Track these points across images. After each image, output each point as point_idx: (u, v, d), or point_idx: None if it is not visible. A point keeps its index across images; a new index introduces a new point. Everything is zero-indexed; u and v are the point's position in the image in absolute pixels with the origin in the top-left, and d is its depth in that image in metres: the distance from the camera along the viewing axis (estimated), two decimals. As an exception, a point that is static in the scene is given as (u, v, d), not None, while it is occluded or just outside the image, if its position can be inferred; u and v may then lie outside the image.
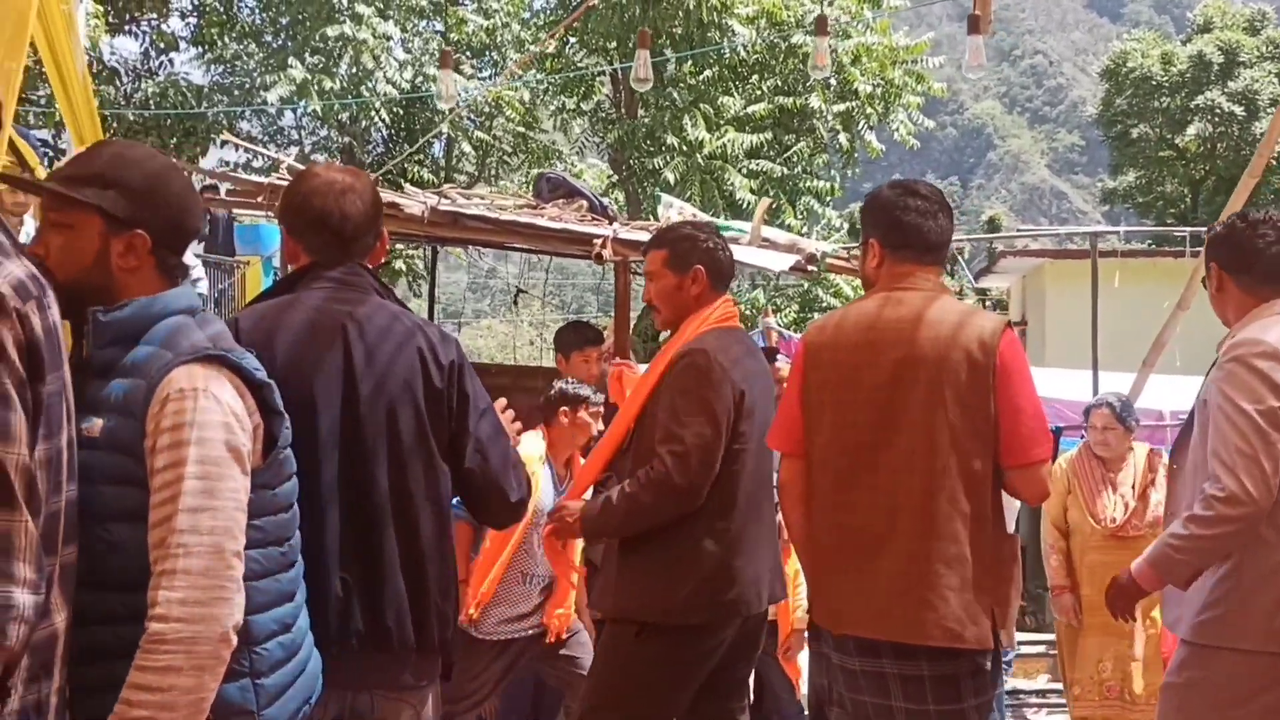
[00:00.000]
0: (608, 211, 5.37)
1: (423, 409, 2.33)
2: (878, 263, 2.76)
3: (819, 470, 2.73)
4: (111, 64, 17.12)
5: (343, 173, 2.50)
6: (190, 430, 1.78)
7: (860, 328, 2.69)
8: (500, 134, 18.40)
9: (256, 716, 1.91)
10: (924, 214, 2.75)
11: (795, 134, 16.36)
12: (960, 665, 2.55)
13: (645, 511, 3.06)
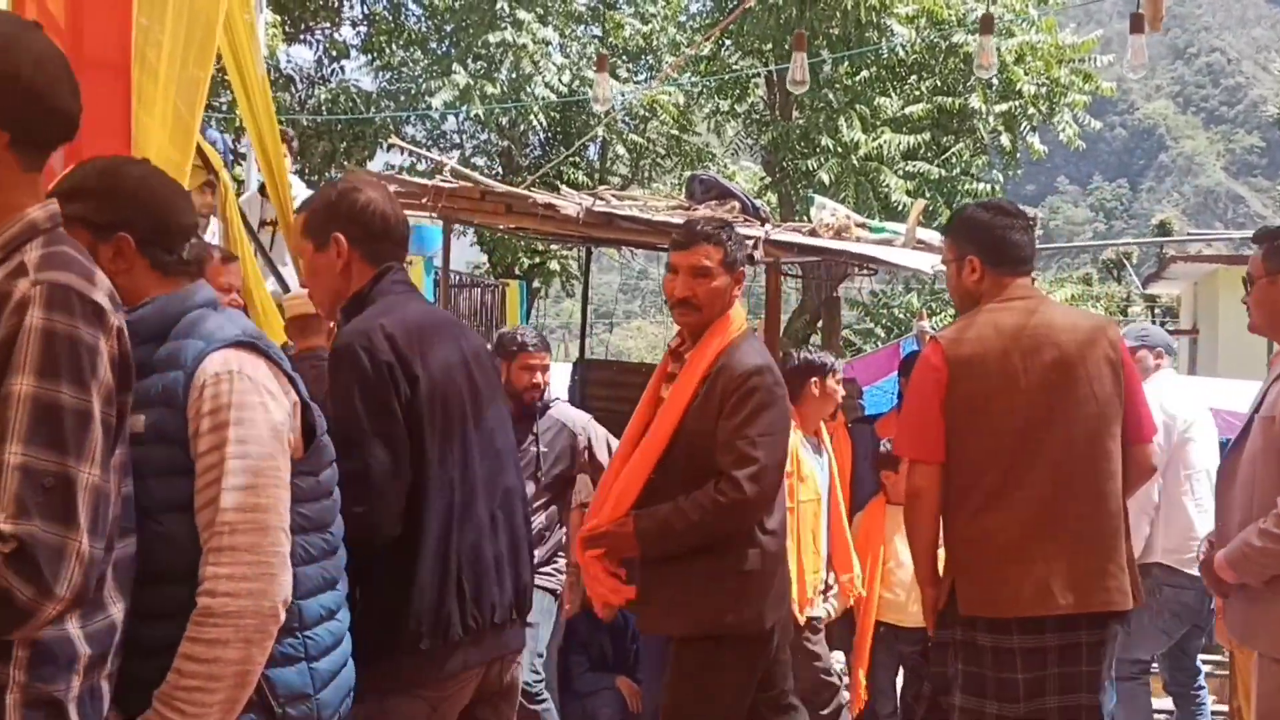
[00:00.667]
0: (760, 213, 5.38)
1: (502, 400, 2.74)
2: (979, 277, 3.08)
3: (972, 473, 2.97)
4: (287, 71, 17.93)
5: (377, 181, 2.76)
6: (229, 411, 1.83)
7: (1006, 337, 2.99)
8: (654, 136, 18.56)
9: (313, 699, 1.99)
10: (1020, 230, 3.13)
11: (954, 135, 16.02)
12: (1112, 629, 2.99)
13: (713, 532, 3.08)
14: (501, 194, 5.11)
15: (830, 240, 5.03)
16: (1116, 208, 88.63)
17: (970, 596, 2.98)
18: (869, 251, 4.92)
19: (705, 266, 3.16)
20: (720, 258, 3.17)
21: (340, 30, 18.61)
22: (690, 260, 3.17)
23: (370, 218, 2.60)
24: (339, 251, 2.56)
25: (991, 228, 3.10)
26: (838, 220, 5.15)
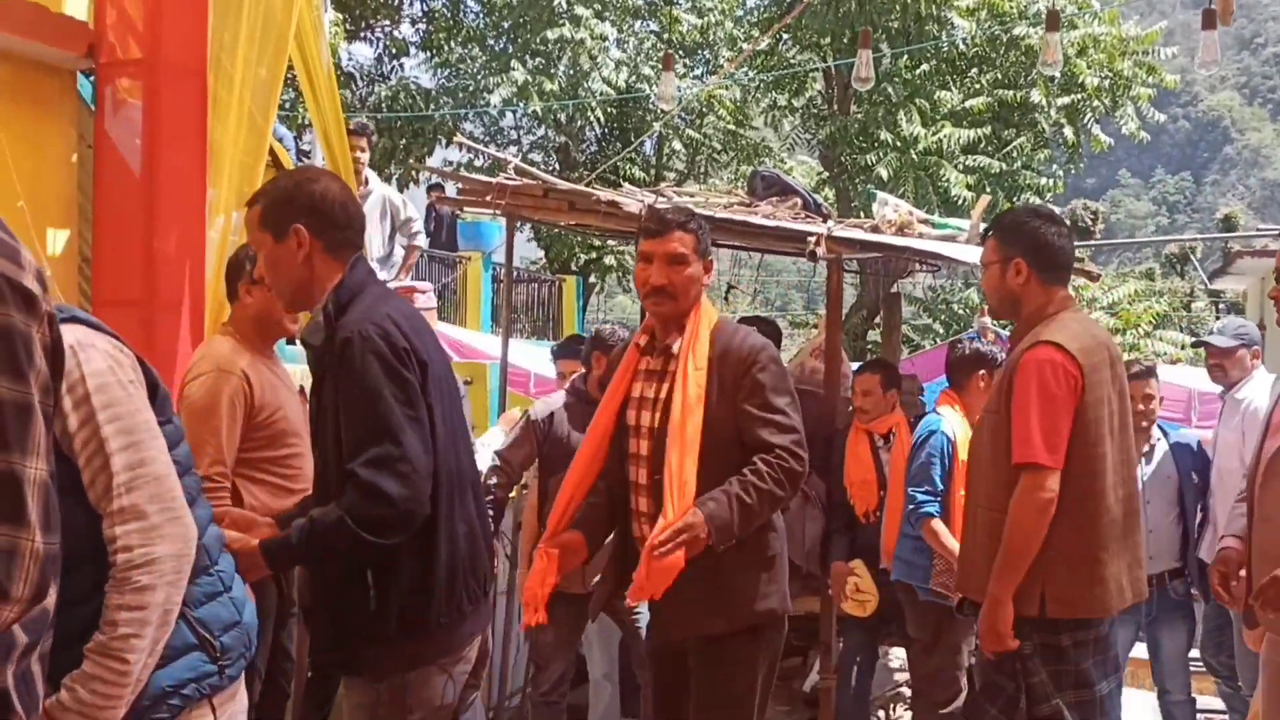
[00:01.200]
0: (822, 209, 5.37)
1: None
2: (1024, 280, 3.18)
3: (1098, 479, 3.10)
4: (348, 69, 18.15)
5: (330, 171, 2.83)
6: (85, 383, 1.86)
7: (1103, 346, 3.18)
8: (710, 132, 18.54)
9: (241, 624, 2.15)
10: (1066, 238, 3.23)
11: (1015, 128, 15.85)
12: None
13: (775, 508, 3.09)
14: (564, 191, 5.14)
15: (893, 237, 5.01)
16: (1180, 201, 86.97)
17: (1067, 599, 3.09)
18: (933, 248, 4.90)
19: (681, 253, 3.08)
20: (694, 245, 3.11)
21: (400, 28, 18.82)
22: (665, 248, 3.09)
23: (330, 208, 2.65)
24: (300, 242, 2.60)
25: (1042, 233, 3.19)
26: (900, 216, 5.13)
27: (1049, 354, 3.09)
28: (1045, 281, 3.18)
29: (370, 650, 2.57)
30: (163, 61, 4.02)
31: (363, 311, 2.57)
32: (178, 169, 3.99)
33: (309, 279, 2.64)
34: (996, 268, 3.24)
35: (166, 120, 4.03)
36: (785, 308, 31.54)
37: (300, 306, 2.77)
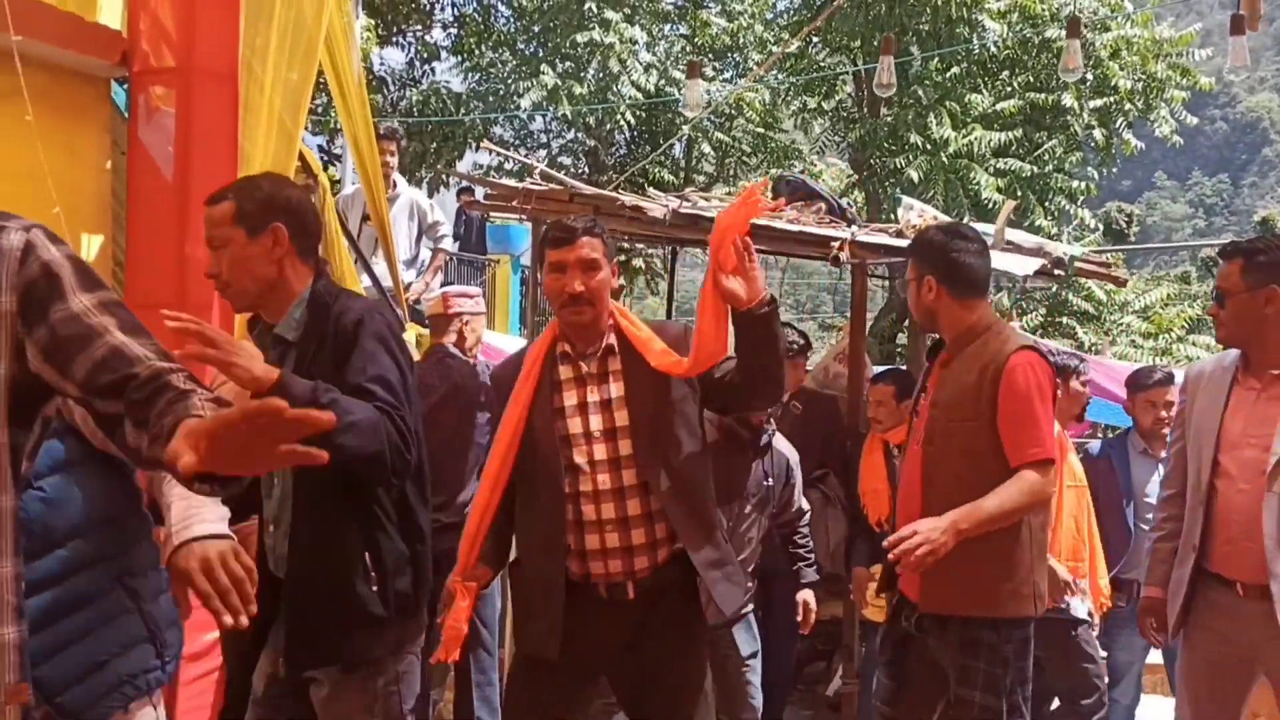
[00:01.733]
0: (846, 214, 5.39)
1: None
2: (935, 297, 3.32)
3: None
4: (380, 74, 18.28)
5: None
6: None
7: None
8: (740, 134, 18.54)
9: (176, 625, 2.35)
10: (975, 254, 3.36)
11: (1047, 131, 15.74)
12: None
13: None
14: (589, 196, 5.19)
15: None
16: (1217, 204, 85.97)
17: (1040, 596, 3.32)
18: (956, 253, 4.90)
19: (593, 259, 3.00)
20: (603, 250, 3.04)
21: (431, 33, 18.93)
22: (577, 254, 2.99)
23: (305, 215, 2.76)
24: (277, 241, 2.68)
25: (952, 251, 3.32)
26: (925, 221, 5.13)
27: (1037, 358, 3.24)
28: (957, 297, 3.31)
29: (364, 635, 2.66)
30: (195, 69, 4.09)
31: (364, 303, 2.73)
32: (209, 174, 4.05)
33: (278, 279, 2.71)
34: (913, 284, 3.38)
35: (198, 127, 4.10)
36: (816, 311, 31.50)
37: (257, 306, 2.79)
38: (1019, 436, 3.16)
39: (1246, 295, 3.21)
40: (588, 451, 3.00)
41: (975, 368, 3.25)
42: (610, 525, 2.98)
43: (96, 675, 2.09)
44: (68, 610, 2.03)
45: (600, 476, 2.99)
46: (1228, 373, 3.35)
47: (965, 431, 3.23)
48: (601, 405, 3.03)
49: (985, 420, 3.19)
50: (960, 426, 3.24)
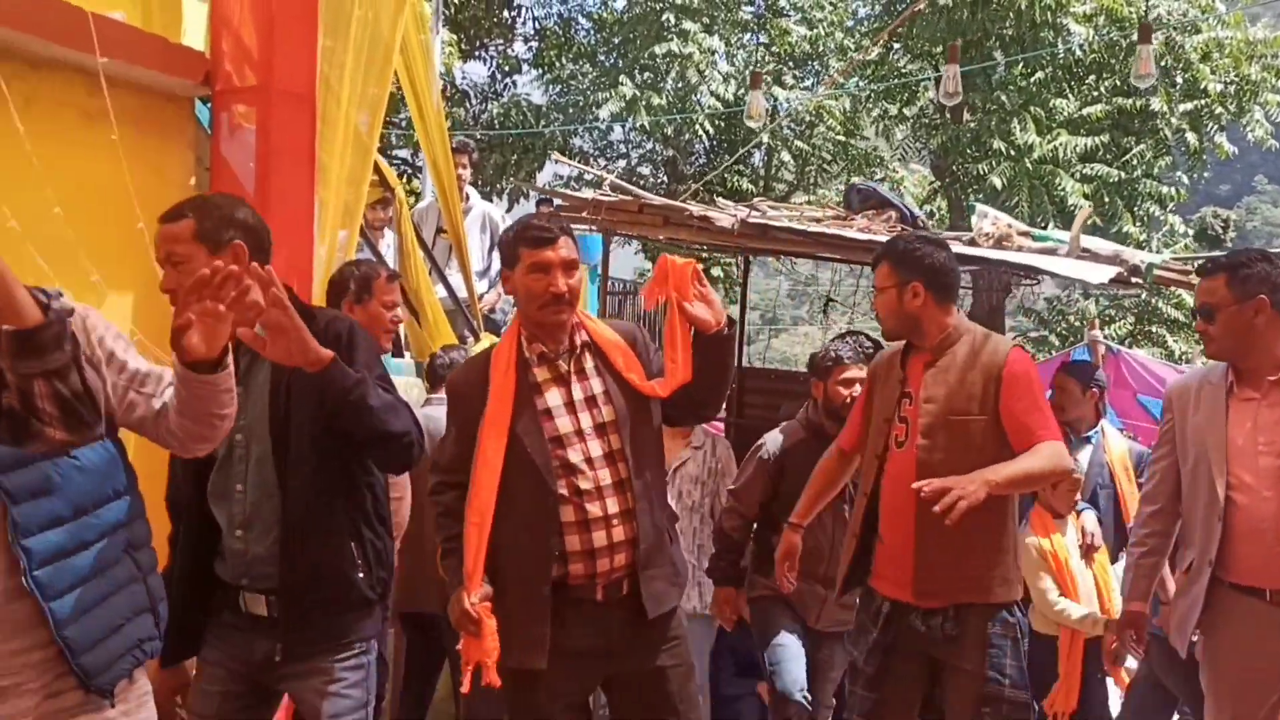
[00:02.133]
0: (917, 222, 5.35)
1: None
2: (922, 303, 3.38)
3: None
4: (463, 87, 18.57)
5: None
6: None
7: None
8: (820, 142, 18.45)
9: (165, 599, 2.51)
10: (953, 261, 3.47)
11: (1135, 136, 15.42)
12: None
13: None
14: (658, 206, 5.23)
15: (989, 250, 4.97)
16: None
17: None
18: (1029, 261, 4.84)
19: (574, 259, 3.03)
20: (577, 250, 3.07)
21: (513, 46, 19.17)
22: (560, 254, 2.99)
23: (262, 232, 2.83)
24: (238, 258, 2.64)
25: (936, 257, 3.41)
26: (998, 229, 5.08)
27: (1028, 355, 3.48)
28: (940, 302, 3.41)
29: (357, 617, 2.85)
30: (274, 87, 4.21)
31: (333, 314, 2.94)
32: (288, 189, 4.17)
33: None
34: (893, 292, 3.41)
35: (277, 143, 4.21)
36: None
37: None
38: (1029, 422, 3.29)
39: (1235, 308, 3.29)
40: (583, 449, 2.98)
41: (971, 367, 3.37)
42: (615, 520, 2.97)
43: (114, 639, 2.25)
44: (93, 574, 2.21)
45: (600, 472, 2.98)
46: (1219, 387, 3.39)
47: (966, 428, 3.33)
48: (588, 402, 3.02)
49: (989, 417, 3.32)
50: (960, 423, 3.34)
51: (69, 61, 3.75)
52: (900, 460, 3.44)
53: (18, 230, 3.35)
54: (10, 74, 3.48)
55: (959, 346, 3.41)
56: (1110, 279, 4.69)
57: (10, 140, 3.42)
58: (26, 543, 2.11)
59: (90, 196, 3.81)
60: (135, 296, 4.06)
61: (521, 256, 3.02)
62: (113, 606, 2.27)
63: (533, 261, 3.00)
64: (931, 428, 3.36)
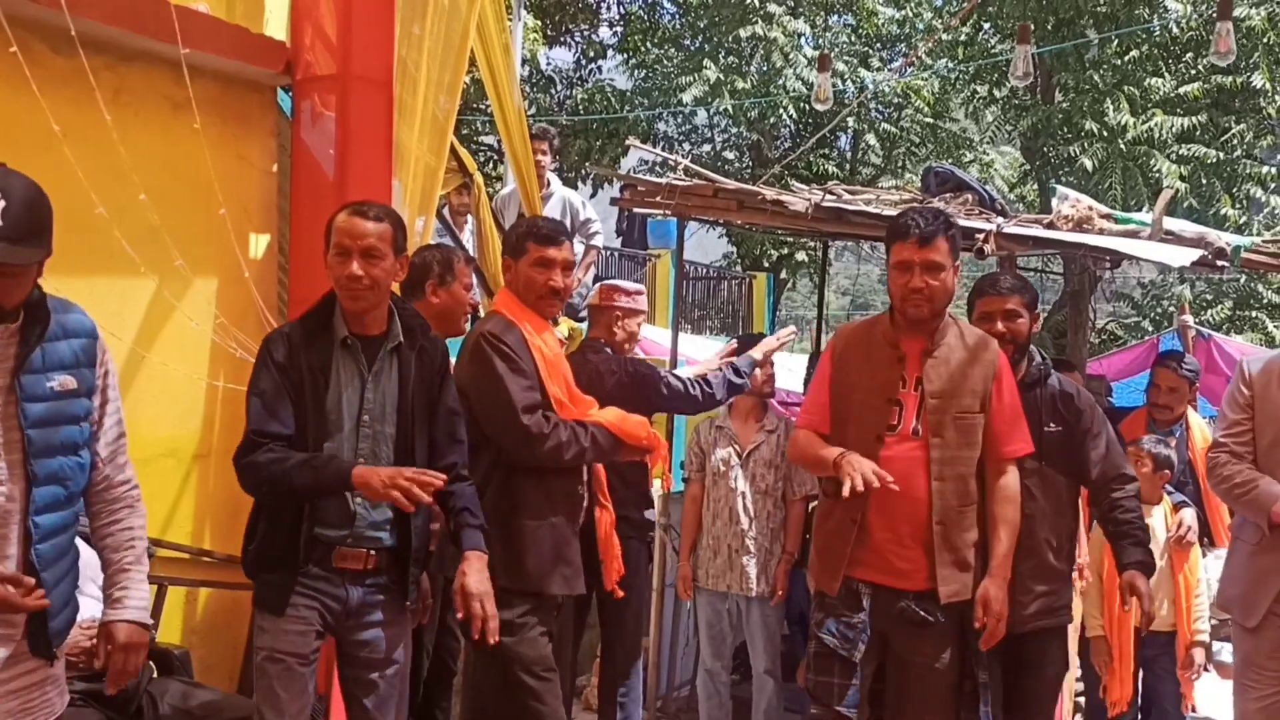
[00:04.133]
0: (996, 205, 5.27)
1: None
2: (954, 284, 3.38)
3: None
4: (548, 73, 18.67)
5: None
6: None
7: None
8: (908, 124, 18.18)
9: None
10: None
11: (1235, 115, 14.90)
12: None
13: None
14: (732, 191, 5.22)
15: (1068, 233, 4.87)
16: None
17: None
18: (1109, 244, 4.72)
19: (573, 262, 3.68)
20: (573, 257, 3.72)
21: (598, 31, 19.21)
22: (564, 254, 3.61)
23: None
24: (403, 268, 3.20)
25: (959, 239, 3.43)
26: (1078, 212, 4.97)
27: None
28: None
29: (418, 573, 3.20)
30: (353, 76, 4.32)
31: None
32: (367, 173, 4.27)
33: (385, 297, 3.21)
34: (951, 272, 3.35)
35: (356, 129, 4.32)
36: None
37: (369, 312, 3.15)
38: (1003, 432, 3.39)
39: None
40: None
41: (969, 361, 3.37)
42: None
43: (70, 608, 2.60)
44: (63, 553, 2.55)
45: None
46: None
47: (970, 425, 3.37)
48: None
49: (985, 414, 3.38)
50: (965, 420, 3.36)
51: (155, 53, 3.88)
52: (904, 451, 3.35)
53: (105, 217, 3.49)
54: (99, 66, 3.62)
55: (949, 334, 3.42)
56: (1193, 262, 4.57)
57: (99, 130, 3.56)
58: (38, 519, 2.45)
59: (175, 184, 3.95)
60: (218, 281, 4.20)
61: (529, 250, 3.57)
62: (71, 581, 2.61)
63: (539, 256, 3.57)
64: (941, 424, 3.33)
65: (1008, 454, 3.40)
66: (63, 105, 3.44)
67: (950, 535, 3.33)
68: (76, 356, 2.53)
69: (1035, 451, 3.53)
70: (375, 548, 3.07)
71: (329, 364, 3.03)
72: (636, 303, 4.74)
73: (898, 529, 3.35)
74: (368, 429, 3.06)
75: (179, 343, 4.05)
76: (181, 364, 4.02)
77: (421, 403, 3.12)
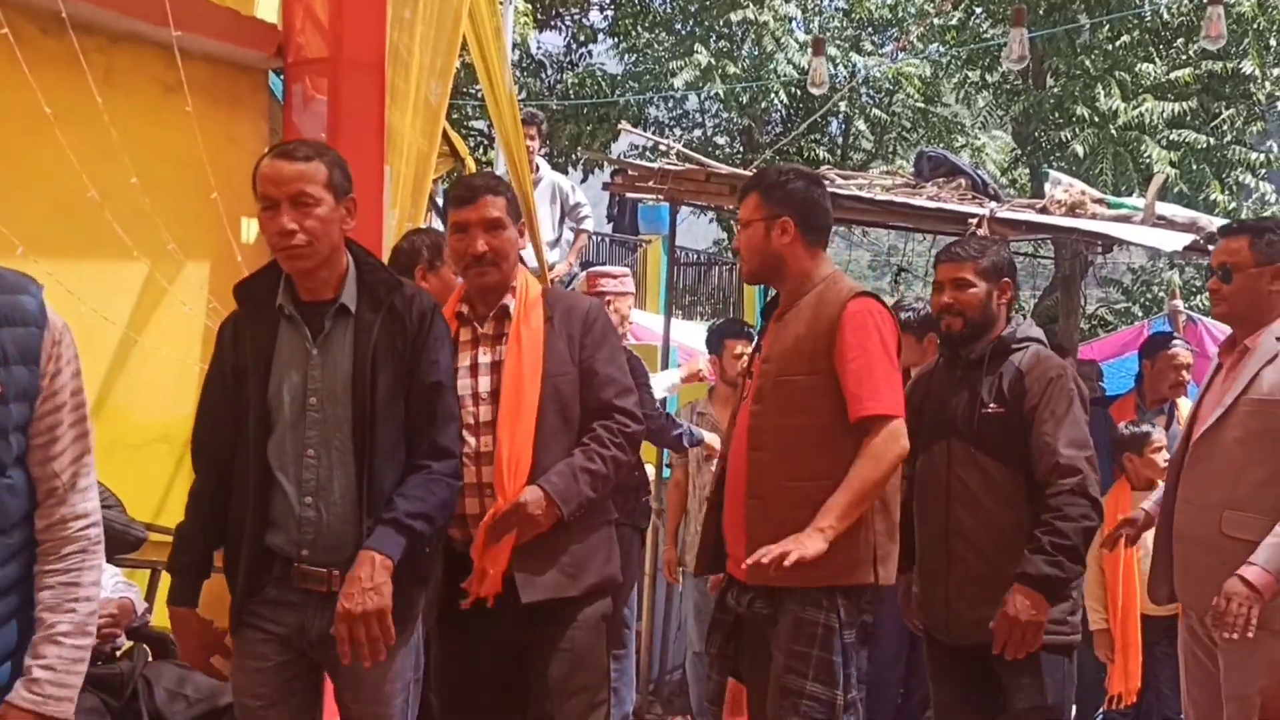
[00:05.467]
0: (988, 189, 5.27)
1: None
2: (790, 240, 3.07)
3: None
4: (538, 57, 18.59)
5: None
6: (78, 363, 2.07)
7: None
8: (900, 110, 18.16)
9: None
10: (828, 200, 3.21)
11: (1225, 100, 14.93)
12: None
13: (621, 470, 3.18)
14: (725, 176, 5.23)
15: (1061, 218, 4.88)
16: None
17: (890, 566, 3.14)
18: (1102, 229, 4.74)
19: (496, 218, 2.99)
20: (505, 208, 3.02)
21: (589, 15, 19.13)
22: (480, 214, 2.99)
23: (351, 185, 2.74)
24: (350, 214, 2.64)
25: (810, 193, 3.12)
26: (1070, 196, 4.99)
27: (874, 305, 3.04)
28: (809, 243, 3.10)
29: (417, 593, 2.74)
30: (345, 59, 4.29)
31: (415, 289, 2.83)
32: (359, 158, 4.18)
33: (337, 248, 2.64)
34: (760, 226, 3.08)
35: (347, 112, 4.30)
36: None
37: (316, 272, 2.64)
38: (858, 389, 2.93)
39: (1255, 271, 3.22)
40: (476, 412, 3.01)
41: (808, 317, 3.04)
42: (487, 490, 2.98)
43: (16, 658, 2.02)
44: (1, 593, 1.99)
45: (483, 439, 2.99)
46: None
47: (797, 388, 3.01)
48: (490, 366, 3.03)
49: (822, 374, 2.98)
50: (791, 382, 3.02)
51: (146, 35, 3.87)
52: (739, 424, 3.17)
53: (97, 200, 3.47)
54: (90, 47, 3.60)
55: (810, 296, 3.08)
56: (1185, 246, 4.59)
57: (90, 112, 3.54)
58: None
59: (166, 167, 3.93)
60: (210, 264, 4.19)
61: (449, 217, 3.07)
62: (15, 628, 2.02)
63: (453, 221, 3.04)
64: (761, 390, 3.08)
65: (855, 415, 2.93)
66: (53, 87, 3.42)
67: (770, 511, 2.98)
68: (5, 352, 1.93)
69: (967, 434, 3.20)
70: (339, 564, 2.54)
71: (273, 342, 2.61)
72: (624, 284, 4.77)
73: (731, 509, 3.14)
74: (315, 412, 2.56)
75: (171, 327, 4.04)
76: (174, 348, 4.01)
77: (388, 376, 2.56)
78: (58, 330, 2.01)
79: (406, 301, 2.62)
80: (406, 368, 2.59)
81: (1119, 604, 4.54)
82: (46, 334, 1.98)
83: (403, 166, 4.48)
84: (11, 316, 1.95)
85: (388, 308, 2.60)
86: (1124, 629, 4.54)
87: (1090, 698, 4.78)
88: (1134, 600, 4.49)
